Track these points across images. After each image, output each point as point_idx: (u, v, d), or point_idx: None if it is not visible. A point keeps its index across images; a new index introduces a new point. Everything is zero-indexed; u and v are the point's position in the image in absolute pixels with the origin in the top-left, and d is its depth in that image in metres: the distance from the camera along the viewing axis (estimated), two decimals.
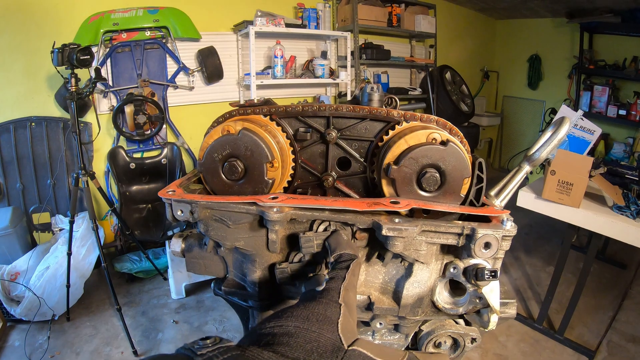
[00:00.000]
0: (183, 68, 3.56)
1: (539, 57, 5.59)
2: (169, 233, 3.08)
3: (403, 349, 1.33)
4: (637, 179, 2.83)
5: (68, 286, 2.55)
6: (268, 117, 1.12)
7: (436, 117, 1.10)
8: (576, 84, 4.98)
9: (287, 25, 3.91)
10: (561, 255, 2.68)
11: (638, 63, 4.33)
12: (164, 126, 3.37)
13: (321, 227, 1.04)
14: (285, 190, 1.17)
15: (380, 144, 1.11)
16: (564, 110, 3.23)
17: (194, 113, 3.78)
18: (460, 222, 1.01)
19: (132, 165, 3.12)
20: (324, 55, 4.41)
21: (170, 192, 1.02)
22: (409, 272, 1.11)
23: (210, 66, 3.61)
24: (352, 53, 4.36)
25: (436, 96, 4.78)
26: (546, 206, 2.52)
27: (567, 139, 3.04)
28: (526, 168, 1.25)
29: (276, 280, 1.06)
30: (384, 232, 0.93)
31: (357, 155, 1.14)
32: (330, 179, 1.14)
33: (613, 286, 3.29)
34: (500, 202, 1.27)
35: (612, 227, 2.31)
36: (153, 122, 3.18)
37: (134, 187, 3.17)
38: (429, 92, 4.73)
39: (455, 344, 1.34)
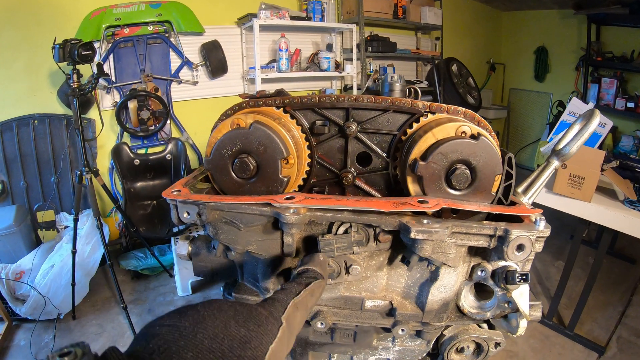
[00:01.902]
0: (187, 62, 3.44)
1: (546, 49, 5.43)
2: (175, 230, 3.01)
3: (424, 354, 1.24)
4: None
5: (73, 284, 2.47)
6: (281, 109, 1.01)
7: (463, 109, 0.99)
8: (583, 76, 4.83)
9: (292, 18, 3.79)
10: (572, 250, 2.58)
11: None
12: (168, 122, 3.28)
13: (341, 229, 0.94)
14: (301, 188, 1.06)
15: (403, 137, 1.01)
16: (575, 103, 3.12)
17: (198, 108, 3.68)
18: (492, 222, 0.91)
19: (137, 162, 3.01)
20: (329, 48, 4.28)
21: (175, 192, 0.92)
22: (434, 275, 1.01)
23: (214, 60, 3.49)
24: (358, 45, 4.23)
25: (443, 89, 4.65)
26: (557, 200, 2.42)
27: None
28: (555, 163, 1.15)
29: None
30: (413, 234, 0.82)
31: (378, 150, 1.03)
32: (349, 175, 1.03)
33: (622, 281, 3.19)
34: (528, 199, 1.16)
35: (623, 222, 2.21)
36: (157, 117, 3.08)
37: (139, 184, 3.07)
38: (435, 85, 4.60)
39: (479, 349, 1.24)
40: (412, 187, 0.95)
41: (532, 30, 5.53)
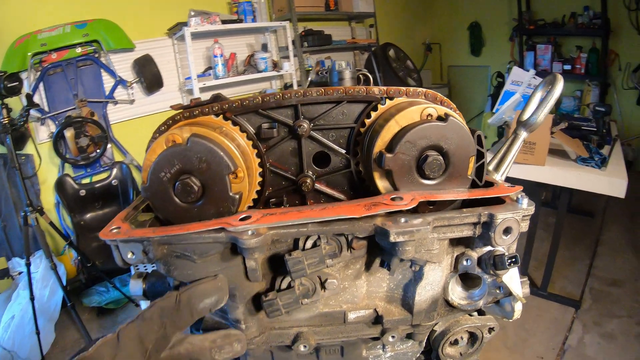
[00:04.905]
0: (120, 81, 3.22)
1: (479, 24, 5.55)
2: None
3: (418, 355, 1.13)
4: (594, 129, 2.80)
5: (38, 333, 2.27)
6: (221, 116, 0.86)
7: (423, 89, 0.88)
8: (519, 46, 4.97)
9: (223, 21, 3.63)
10: (533, 214, 2.64)
11: (577, 18, 4.35)
12: (109, 145, 3.08)
13: (309, 243, 0.80)
14: (255, 202, 0.91)
15: (362, 129, 0.88)
16: (516, 72, 3.15)
17: (139, 127, 3.48)
18: (474, 209, 0.81)
19: (82, 192, 2.80)
20: (264, 48, 4.15)
21: (114, 231, 0.74)
22: (419, 275, 0.90)
23: (149, 75, 3.29)
24: (293, 42, 4.13)
25: (382, 75, 4.62)
26: (512, 168, 2.47)
27: (522, 99, 2.95)
28: (523, 135, 1.07)
29: (267, 315, 0.82)
30: (392, 238, 0.71)
31: (336, 148, 0.90)
32: (308, 180, 0.90)
33: (584, 236, 3.30)
34: (501, 176, 1.08)
35: (580, 179, 2.24)
36: (97, 143, 2.88)
37: (88, 215, 2.86)
38: (375, 72, 4.56)
39: (473, 338, 1.16)
40: (381, 182, 0.83)
41: (463, 8, 5.63)
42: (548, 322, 2.48)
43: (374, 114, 0.87)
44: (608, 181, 2.16)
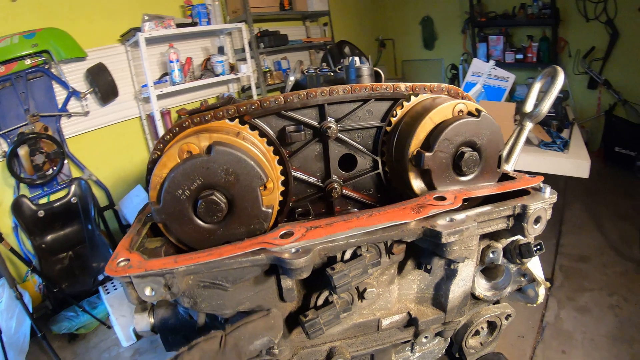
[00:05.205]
0: (73, 93, 2.92)
1: (431, 18, 5.70)
2: (100, 277, 2.63)
3: (444, 351, 1.12)
4: (553, 114, 2.95)
5: None
6: (237, 120, 0.77)
7: (446, 85, 0.85)
8: (471, 38, 5.16)
9: (178, 25, 3.42)
10: None
11: (526, 9, 4.60)
12: (66, 161, 2.79)
13: (348, 253, 0.74)
14: (279, 214, 0.83)
15: (388, 129, 0.83)
16: (476, 63, 3.24)
17: (95, 140, 3.20)
18: (507, 202, 0.79)
19: (41, 213, 2.54)
20: (221, 51, 3.99)
21: (122, 264, 0.63)
22: (452, 272, 0.87)
23: (103, 85, 3.03)
24: (250, 44, 4.02)
25: (335, 71, 4.65)
26: None
27: (483, 90, 3.06)
28: (529, 126, 1.08)
29: (308, 337, 0.74)
30: (444, 239, 0.66)
31: (363, 149, 0.84)
32: (336, 186, 0.83)
33: None
34: (511, 167, 1.09)
35: (544, 163, 2.37)
36: (53, 159, 2.61)
37: (49, 237, 2.60)
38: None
39: (491, 327, 1.17)
40: (416, 182, 0.79)
41: (415, 3, 5.77)
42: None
43: (400, 112, 0.82)
44: (572, 163, 2.30)
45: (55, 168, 2.65)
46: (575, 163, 2.29)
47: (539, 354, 2.33)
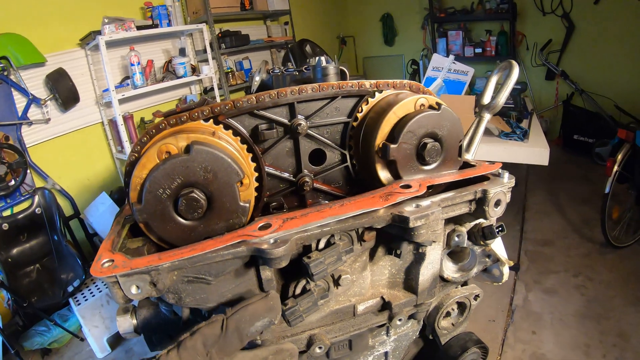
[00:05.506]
0: (33, 100, 2.85)
1: (391, 15, 5.87)
2: (69, 289, 2.59)
3: (418, 333, 1.20)
4: (512, 106, 3.12)
5: None
6: (211, 120, 0.81)
7: (407, 81, 0.92)
8: (430, 33, 5.36)
9: (139, 27, 3.39)
10: None
11: (484, 4, 4.82)
12: (28, 171, 2.72)
13: (322, 242, 0.81)
14: (254, 210, 0.88)
15: (354, 124, 0.90)
16: (436, 58, 3.35)
17: (58, 147, 3.13)
18: (469, 187, 0.88)
19: (5, 226, 2.48)
20: (182, 52, 3.98)
21: (107, 265, 0.66)
22: (421, 256, 0.95)
23: (63, 90, 2.97)
24: (211, 44, 4.03)
25: (301, 70, 4.73)
26: None
27: (443, 84, 3.20)
28: (487, 116, 1.18)
29: (289, 324, 0.80)
30: (412, 223, 0.74)
31: (332, 144, 0.91)
32: (308, 180, 0.89)
33: (511, 203, 3.69)
34: (472, 155, 1.18)
35: (505, 152, 2.51)
36: (15, 170, 2.54)
37: (15, 250, 2.54)
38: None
39: (461, 308, 1.26)
40: (383, 173, 0.86)
41: (375, 0, 5.92)
42: (493, 288, 2.75)
43: (365, 108, 0.89)
44: (532, 151, 2.45)
45: (18, 178, 2.59)
46: (535, 151, 2.44)
47: (510, 336, 2.47)
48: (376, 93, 0.89)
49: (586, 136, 4.62)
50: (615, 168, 2.83)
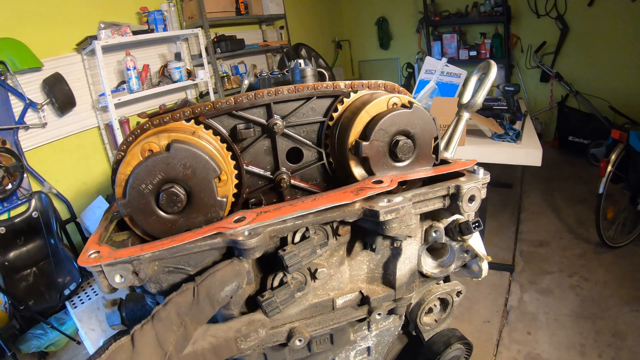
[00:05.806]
0: (30, 104, 2.93)
1: (386, 19, 5.96)
2: (66, 292, 2.64)
3: (399, 329, 1.24)
4: (505, 108, 3.18)
5: None
6: (192, 121, 0.86)
7: (382, 81, 0.98)
8: (425, 37, 5.44)
9: (134, 32, 3.48)
10: None
11: (479, 7, 4.89)
12: (25, 175, 2.78)
13: (298, 236, 0.85)
14: (233, 206, 0.93)
15: (330, 123, 0.95)
16: (429, 61, 3.41)
17: (54, 151, 3.20)
18: (442, 183, 0.92)
19: (2, 230, 2.55)
20: (178, 57, 4.06)
21: (93, 256, 0.71)
22: (397, 251, 1.00)
23: (60, 95, 3.05)
24: (207, 49, 4.11)
25: (283, 73, 4.80)
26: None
27: (436, 87, 3.26)
28: (466, 115, 1.23)
29: (267, 315, 0.85)
30: (382, 217, 0.78)
31: (308, 142, 0.96)
32: (285, 177, 0.94)
33: (506, 205, 3.74)
34: (451, 154, 1.23)
35: (498, 154, 2.56)
36: (12, 174, 2.62)
37: (12, 254, 2.61)
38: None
39: (444, 304, 1.30)
40: (356, 170, 0.91)
41: (370, 4, 6.01)
42: (488, 289, 2.78)
43: (340, 107, 0.94)
44: (525, 152, 2.50)
45: (14, 182, 2.66)
46: (527, 152, 2.49)
47: (505, 336, 2.50)
48: (351, 93, 0.94)
49: (581, 137, 4.68)
50: (609, 168, 2.88)
